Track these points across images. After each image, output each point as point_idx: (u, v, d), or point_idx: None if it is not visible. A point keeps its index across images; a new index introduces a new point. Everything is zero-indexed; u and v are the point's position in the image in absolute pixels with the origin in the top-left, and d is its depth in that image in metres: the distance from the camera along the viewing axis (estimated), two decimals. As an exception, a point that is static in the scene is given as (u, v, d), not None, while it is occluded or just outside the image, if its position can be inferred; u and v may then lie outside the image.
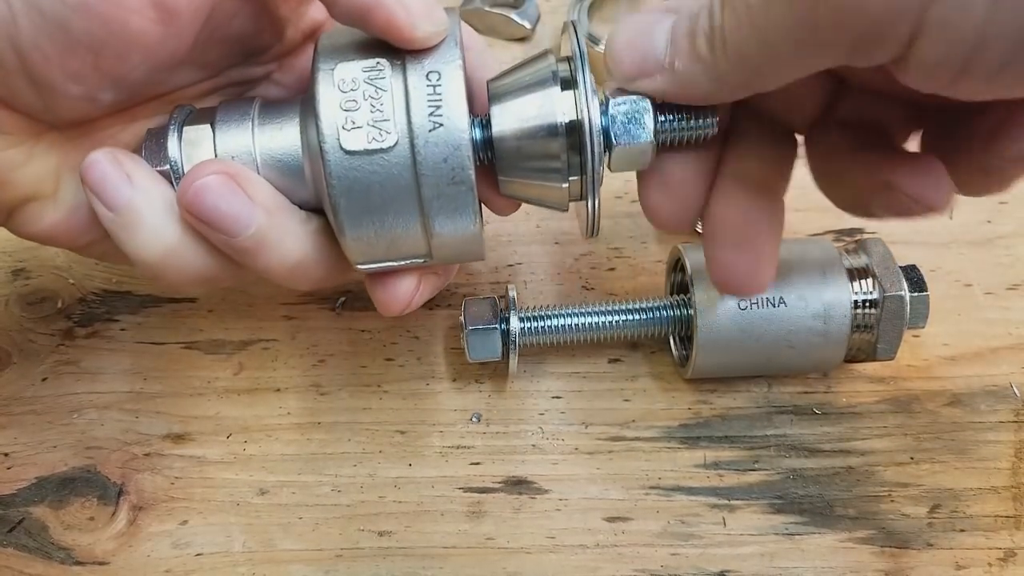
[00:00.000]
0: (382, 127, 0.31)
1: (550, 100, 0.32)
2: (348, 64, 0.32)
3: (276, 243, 0.33)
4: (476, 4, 0.60)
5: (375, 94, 0.32)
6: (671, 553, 0.40)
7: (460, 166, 0.32)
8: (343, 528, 0.41)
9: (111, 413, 0.44)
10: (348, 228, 0.33)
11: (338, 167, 0.32)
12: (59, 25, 0.29)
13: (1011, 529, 0.40)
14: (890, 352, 0.41)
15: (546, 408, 0.44)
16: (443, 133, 0.31)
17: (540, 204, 0.36)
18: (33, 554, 0.40)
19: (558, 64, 0.34)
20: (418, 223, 0.33)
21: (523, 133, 0.33)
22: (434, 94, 0.31)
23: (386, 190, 0.32)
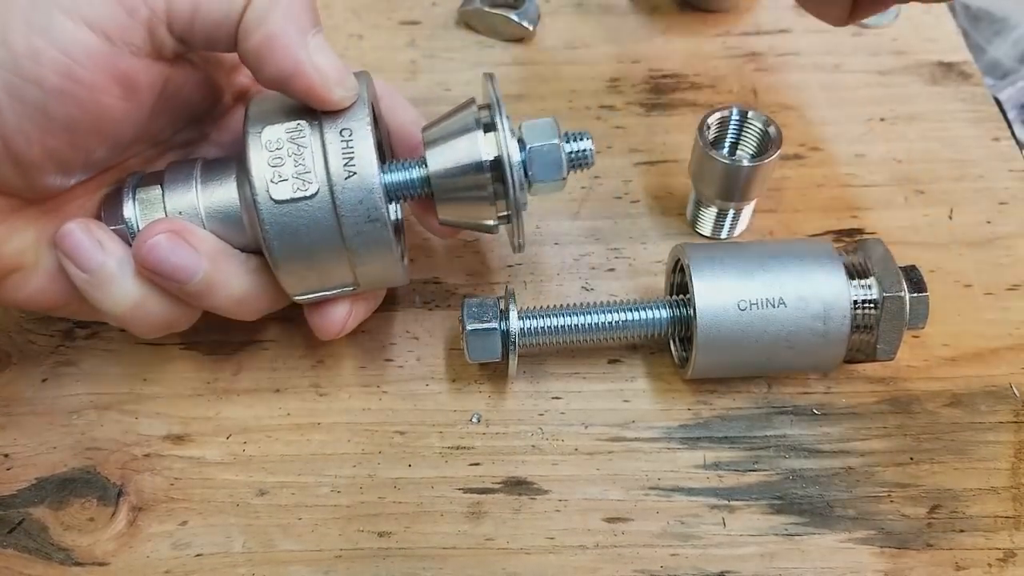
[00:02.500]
0: (305, 178, 0.37)
1: (475, 142, 0.38)
2: (273, 127, 0.37)
3: (222, 284, 0.39)
4: (476, 4, 0.60)
5: (297, 151, 0.37)
6: (671, 553, 0.40)
7: (374, 206, 0.37)
8: (343, 529, 0.41)
9: (111, 414, 0.44)
10: (282, 265, 0.38)
11: (269, 215, 0.37)
12: (39, 109, 0.33)
13: (1011, 529, 0.40)
14: (890, 352, 0.41)
15: (546, 408, 0.44)
16: (357, 180, 0.37)
17: (474, 228, 0.41)
18: (33, 555, 0.40)
19: (479, 111, 0.40)
20: (343, 257, 0.38)
21: (455, 171, 0.39)
22: (347, 148, 0.37)
23: (312, 231, 0.37)
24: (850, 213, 0.51)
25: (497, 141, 0.38)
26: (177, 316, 0.40)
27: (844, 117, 0.55)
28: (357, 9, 0.62)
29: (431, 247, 0.50)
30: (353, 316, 0.42)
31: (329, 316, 0.41)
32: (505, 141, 0.38)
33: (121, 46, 0.34)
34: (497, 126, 0.38)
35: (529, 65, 0.59)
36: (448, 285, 0.49)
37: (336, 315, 0.41)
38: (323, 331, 0.41)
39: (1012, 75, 0.78)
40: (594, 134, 0.54)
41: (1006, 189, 0.51)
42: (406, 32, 0.61)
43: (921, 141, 0.54)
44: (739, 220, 0.49)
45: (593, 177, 0.53)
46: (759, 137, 0.47)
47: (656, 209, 0.51)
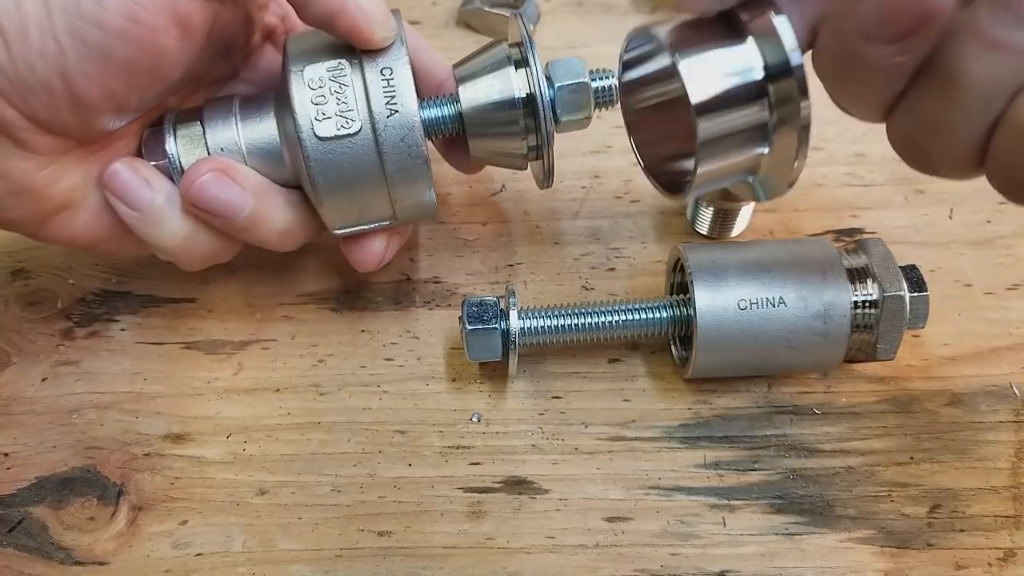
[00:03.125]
0: (348, 116, 0.38)
1: (508, 79, 0.40)
2: (314, 65, 0.38)
3: (267, 219, 0.40)
4: (476, 4, 0.60)
5: (339, 89, 0.38)
6: (671, 553, 0.40)
7: (415, 143, 0.38)
8: (343, 528, 0.41)
9: (111, 413, 0.44)
10: (326, 200, 0.40)
11: (314, 152, 0.38)
12: (101, 51, 0.34)
13: (1011, 529, 0.40)
14: (890, 352, 0.41)
15: (546, 408, 0.44)
16: (399, 118, 0.38)
17: (503, 164, 0.43)
18: (33, 554, 0.40)
19: (510, 49, 0.41)
20: (384, 192, 0.40)
21: (488, 106, 0.40)
22: (388, 87, 0.38)
23: (355, 167, 0.39)
24: (850, 213, 0.51)
25: (528, 78, 0.39)
26: (223, 248, 0.42)
27: (844, 117, 0.55)
28: (357, 9, 0.62)
29: (432, 247, 0.50)
30: (390, 248, 0.43)
31: (368, 249, 0.43)
32: (538, 77, 0.39)
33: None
34: (529, 63, 0.39)
35: (529, 65, 0.59)
36: (448, 285, 0.49)
37: (375, 247, 0.43)
38: (363, 263, 0.43)
39: (1012, 75, 0.77)
40: (594, 134, 0.55)
41: (1006, 189, 0.51)
42: (406, 32, 0.61)
43: (921, 141, 0.54)
44: (739, 220, 0.49)
45: (593, 177, 0.53)
46: (759, 137, 0.46)
47: (656, 209, 0.51)
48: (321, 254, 0.50)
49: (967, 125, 0.30)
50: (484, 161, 0.44)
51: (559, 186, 0.52)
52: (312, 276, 0.49)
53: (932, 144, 0.31)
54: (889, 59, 0.30)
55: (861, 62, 0.31)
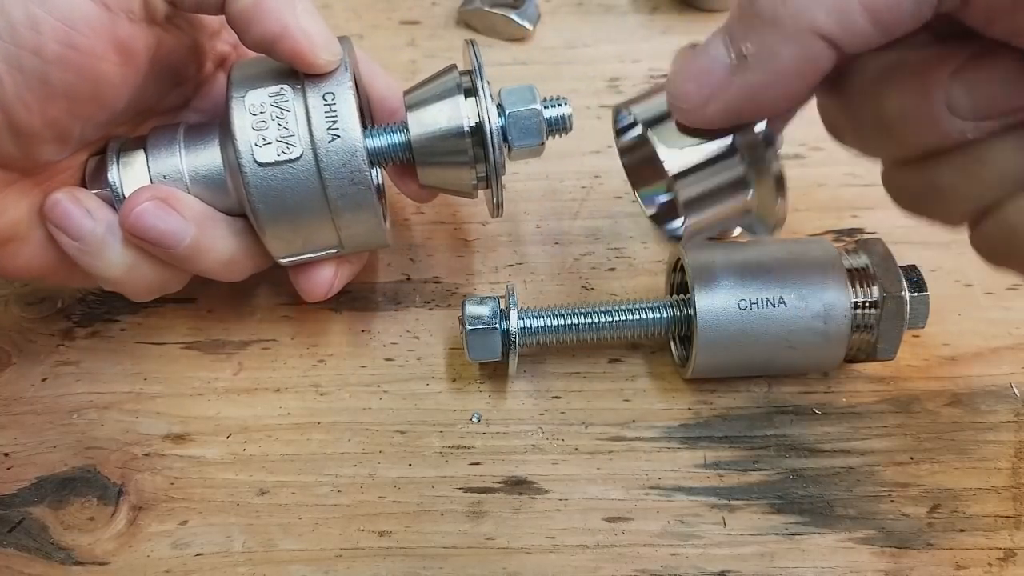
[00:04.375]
0: (289, 141, 0.37)
1: (457, 107, 0.39)
2: (256, 91, 0.38)
3: (209, 248, 0.39)
4: (476, 4, 0.60)
5: (281, 115, 0.38)
6: (671, 553, 0.40)
7: (358, 169, 0.38)
8: (343, 528, 0.41)
9: (111, 413, 0.44)
10: (268, 228, 0.39)
11: (254, 178, 0.37)
12: (39, 78, 0.33)
13: (1011, 529, 0.40)
14: (890, 352, 0.41)
15: (546, 408, 0.44)
16: (340, 143, 0.37)
17: (453, 192, 0.42)
18: (33, 554, 0.40)
19: (461, 77, 0.40)
20: (328, 219, 0.39)
21: (436, 135, 0.39)
22: (331, 111, 0.37)
23: (297, 194, 0.38)
24: (850, 213, 0.51)
25: (478, 106, 0.39)
26: (169, 278, 0.41)
27: (844, 117, 0.55)
28: (357, 9, 0.62)
29: (432, 247, 0.50)
30: (339, 278, 0.42)
31: (315, 278, 0.42)
32: (486, 107, 0.38)
33: (118, 12, 0.34)
34: (478, 91, 0.39)
35: (529, 65, 0.59)
36: (448, 285, 0.49)
37: (322, 277, 0.42)
38: (310, 293, 0.42)
39: (1012, 75, 0.77)
40: (594, 134, 0.55)
41: (1006, 189, 0.51)
42: (406, 32, 0.61)
43: (921, 141, 0.54)
44: (739, 220, 0.49)
45: (593, 177, 0.53)
46: (759, 137, 0.46)
47: (656, 209, 0.51)
48: (321, 254, 0.50)
49: None
50: (434, 189, 0.43)
51: (559, 186, 0.52)
52: (312, 276, 0.49)
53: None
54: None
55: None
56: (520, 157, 0.41)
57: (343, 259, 0.43)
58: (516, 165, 0.53)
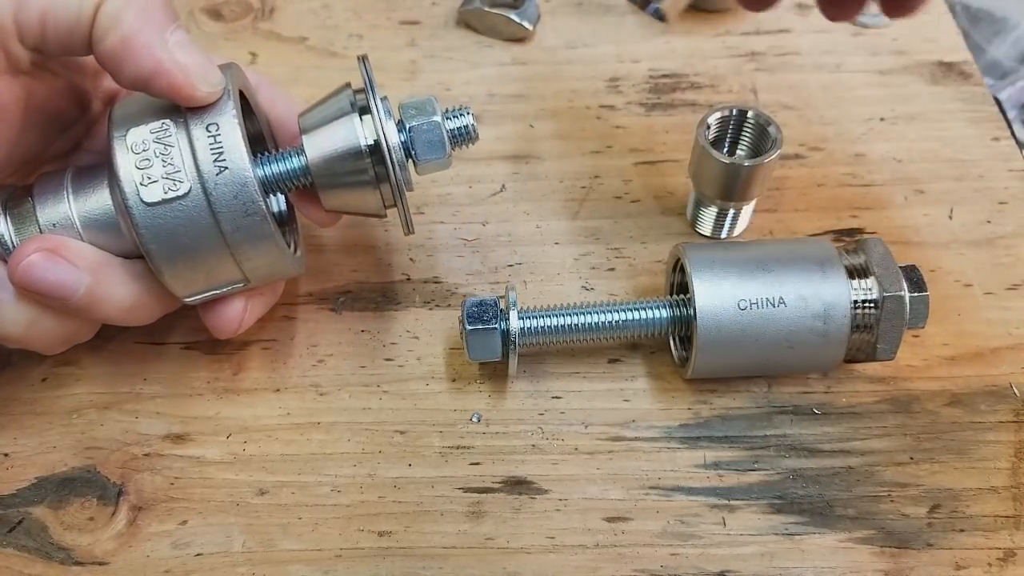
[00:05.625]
0: (175, 178, 0.36)
1: (352, 127, 0.38)
2: (138, 128, 0.36)
3: (107, 296, 0.38)
4: (476, 4, 0.60)
5: (165, 151, 0.36)
6: (671, 553, 0.40)
7: (250, 199, 0.36)
8: (343, 528, 0.41)
9: (111, 413, 0.44)
10: (165, 269, 0.37)
11: (143, 219, 0.36)
12: None
13: (1011, 529, 0.40)
14: (890, 352, 0.41)
15: (546, 408, 0.44)
16: (229, 175, 0.36)
17: (360, 213, 0.41)
18: (33, 554, 0.40)
19: (355, 95, 0.39)
20: (226, 254, 0.38)
21: (334, 157, 0.38)
22: (215, 143, 0.36)
23: (190, 231, 0.36)
24: (850, 213, 0.51)
25: (374, 124, 0.38)
26: (76, 328, 0.40)
27: (844, 117, 0.55)
28: (357, 9, 0.62)
29: (432, 247, 0.50)
30: (249, 313, 0.41)
31: (224, 315, 0.41)
32: (381, 123, 0.37)
33: None
34: (372, 108, 0.38)
35: (529, 65, 0.59)
36: (448, 285, 0.49)
37: (231, 313, 0.41)
38: (219, 330, 0.41)
39: (1012, 75, 0.78)
40: (594, 134, 0.55)
41: (1006, 189, 0.51)
42: (406, 32, 0.61)
43: (921, 141, 0.54)
44: (739, 220, 0.49)
45: (593, 177, 0.53)
46: (759, 137, 0.47)
47: (656, 209, 0.51)
48: (321, 254, 0.50)
49: None
50: (339, 211, 0.42)
51: (559, 186, 0.52)
52: (312, 276, 0.49)
53: None
54: None
55: None
56: (428, 171, 0.41)
57: (253, 292, 0.41)
58: (515, 165, 0.53)
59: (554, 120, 0.56)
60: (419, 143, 0.39)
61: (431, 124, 0.39)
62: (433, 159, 0.40)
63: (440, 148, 0.39)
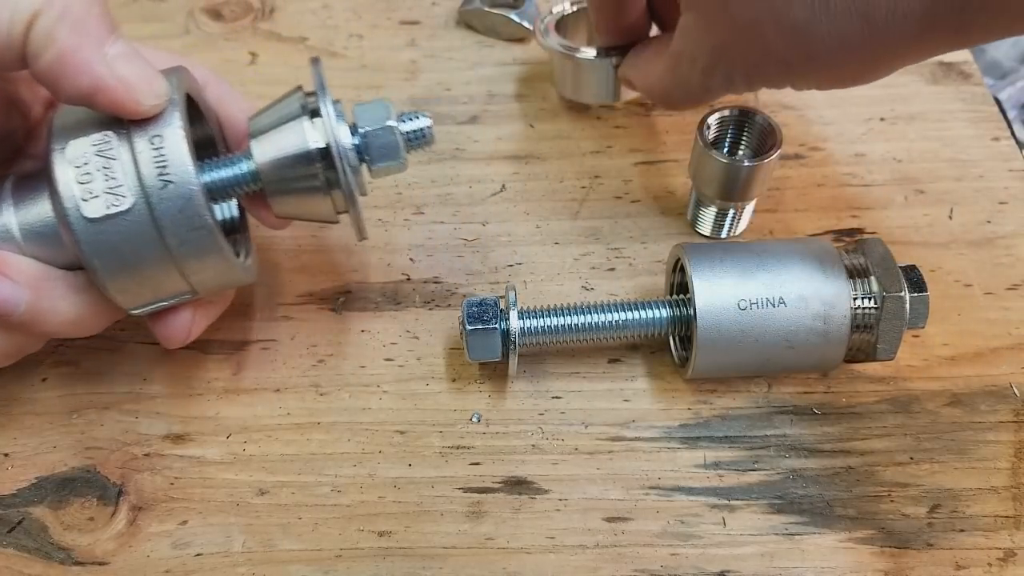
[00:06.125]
0: (117, 192, 0.35)
1: (302, 131, 0.37)
2: (78, 141, 0.35)
3: (50, 309, 0.36)
4: (476, 4, 0.60)
5: (106, 164, 0.35)
6: (671, 553, 0.40)
7: (196, 214, 0.35)
8: (343, 528, 0.41)
9: (111, 414, 0.44)
10: (109, 284, 0.36)
11: (85, 235, 0.35)
12: None
13: (1011, 529, 0.40)
14: (890, 352, 0.41)
15: (546, 408, 0.44)
16: (174, 189, 0.35)
17: (312, 219, 0.40)
18: (33, 554, 0.40)
19: (306, 98, 0.38)
20: (172, 268, 0.36)
21: (283, 162, 0.37)
22: (159, 155, 0.35)
23: (134, 246, 0.35)
24: (850, 213, 0.51)
25: (324, 128, 0.37)
26: (22, 342, 0.39)
27: (844, 117, 0.55)
28: (357, 9, 0.63)
29: (432, 247, 0.50)
30: (197, 322, 0.40)
31: (171, 325, 0.40)
32: (331, 127, 0.36)
33: None
34: (322, 112, 0.36)
35: (529, 65, 0.59)
36: (448, 285, 0.49)
37: (179, 323, 0.40)
38: (167, 340, 0.40)
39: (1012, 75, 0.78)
40: (594, 134, 0.55)
41: (1006, 189, 0.51)
42: (406, 32, 0.61)
43: (921, 141, 0.54)
44: (739, 220, 0.49)
45: (593, 177, 0.53)
46: (759, 137, 0.47)
47: (656, 209, 0.51)
48: (321, 254, 0.50)
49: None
50: (292, 217, 0.41)
51: (559, 186, 0.52)
52: (312, 276, 0.49)
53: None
54: None
55: None
56: (383, 175, 0.40)
57: (201, 302, 0.40)
58: (515, 165, 0.53)
59: (554, 120, 0.56)
60: (373, 148, 0.38)
61: (385, 129, 0.38)
62: (388, 163, 0.39)
63: (395, 152, 0.39)
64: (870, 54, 0.38)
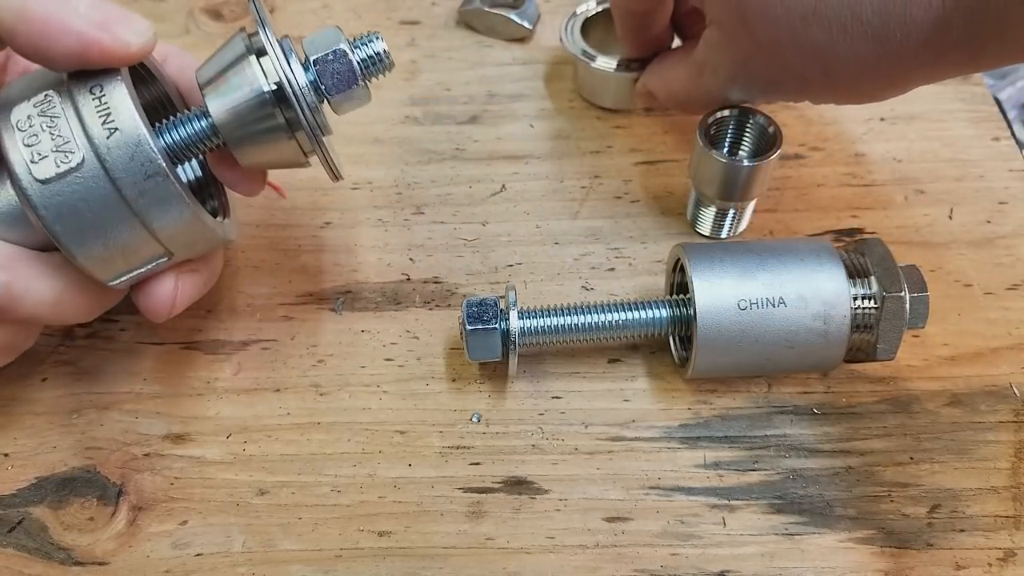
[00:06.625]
0: (65, 149, 0.34)
1: (251, 72, 0.35)
2: (20, 106, 0.34)
3: (26, 291, 0.35)
4: (476, 4, 0.60)
5: (51, 123, 0.34)
6: (671, 553, 0.40)
7: (147, 159, 0.34)
8: (343, 528, 0.41)
9: (111, 413, 0.44)
10: (76, 250, 0.35)
11: (40, 198, 0.34)
12: None
13: (1011, 529, 0.40)
14: (890, 352, 0.41)
15: (546, 408, 0.44)
16: (120, 136, 0.34)
17: (282, 165, 0.39)
18: (33, 554, 0.40)
19: (250, 38, 0.36)
20: (138, 224, 0.35)
21: (238, 108, 0.36)
22: (101, 105, 0.34)
23: (92, 204, 0.34)
24: (850, 213, 0.51)
25: (273, 65, 0.35)
26: (11, 336, 0.38)
27: (844, 117, 0.55)
28: (357, 9, 0.62)
29: (432, 247, 0.50)
30: (181, 291, 0.39)
31: (154, 295, 0.38)
32: (281, 64, 0.35)
33: None
34: (267, 48, 0.35)
35: (529, 65, 0.59)
36: (448, 285, 0.49)
37: (162, 292, 0.38)
38: (152, 312, 0.39)
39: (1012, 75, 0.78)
40: (594, 134, 0.55)
41: (1006, 189, 0.51)
42: (406, 32, 0.61)
43: (921, 141, 0.54)
44: (739, 220, 0.49)
45: (593, 177, 0.53)
46: (759, 137, 0.47)
47: (656, 209, 0.51)
48: (321, 254, 0.50)
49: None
50: (260, 167, 0.39)
51: (559, 186, 0.52)
52: (312, 276, 0.49)
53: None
54: None
55: None
56: (346, 109, 0.38)
57: (184, 268, 0.39)
58: (515, 165, 0.53)
59: (554, 120, 0.56)
60: (328, 77, 0.36)
61: (337, 53, 0.36)
62: (346, 93, 0.37)
63: (351, 79, 0.36)
64: (886, 75, 0.39)
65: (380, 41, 0.38)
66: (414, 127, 0.55)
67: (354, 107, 0.38)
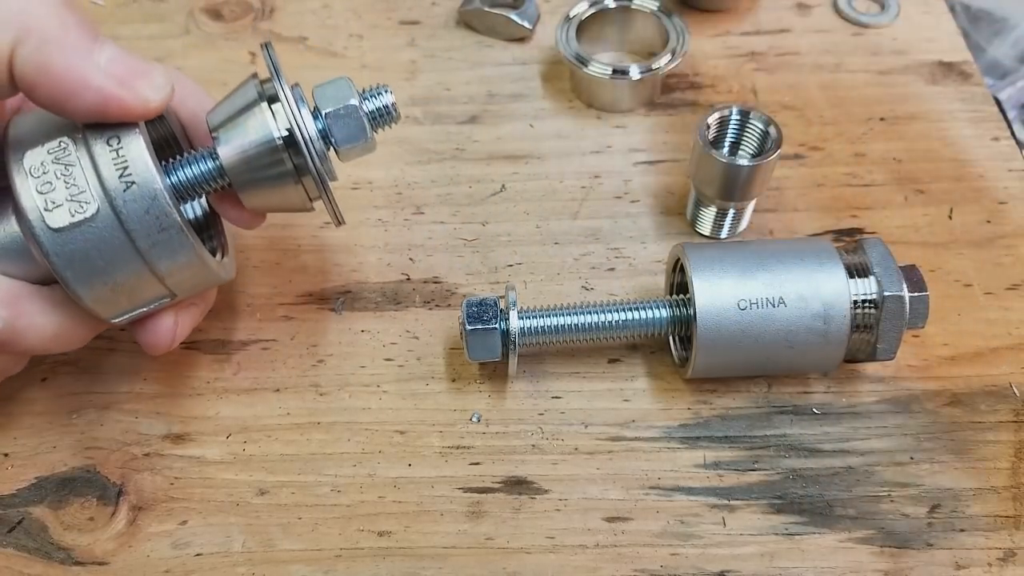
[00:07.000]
0: (80, 199, 0.34)
1: (263, 118, 0.36)
2: (35, 150, 0.34)
3: (28, 326, 0.36)
4: (476, 4, 0.60)
5: (66, 171, 0.34)
6: (671, 553, 0.39)
7: (163, 213, 0.34)
8: (343, 528, 0.41)
9: (111, 413, 0.44)
10: (84, 294, 0.35)
11: (52, 246, 0.34)
12: None
13: (1011, 529, 0.40)
14: (890, 352, 0.41)
15: (546, 408, 0.44)
16: (137, 190, 0.34)
17: (286, 209, 0.39)
18: (33, 554, 0.40)
19: (263, 85, 0.37)
20: (146, 272, 0.36)
21: (248, 154, 0.36)
22: (119, 157, 0.34)
23: (104, 253, 0.34)
24: (850, 213, 0.51)
25: (286, 114, 0.36)
26: (3, 363, 0.38)
27: (844, 117, 0.55)
28: (357, 9, 0.63)
29: (432, 247, 0.50)
30: (180, 326, 0.40)
31: (154, 331, 0.39)
32: (293, 114, 0.35)
33: None
34: (280, 96, 0.36)
35: (529, 65, 0.59)
36: (448, 285, 0.49)
37: (162, 329, 0.39)
38: (151, 347, 0.39)
39: (1012, 75, 0.78)
40: (594, 134, 0.55)
41: (1006, 189, 0.51)
42: (406, 32, 0.61)
43: (921, 141, 0.54)
44: (739, 220, 0.49)
45: (593, 177, 0.53)
46: (759, 137, 0.47)
47: (656, 209, 0.51)
48: (321, 254, 0.50)
49: None
50: (262, 210, 0.40)
51: (559, 186, 0.52)
52: (312, 276, 0.49)
53: None
54: None
55: None
56: (352, 157, 0.39)
57: (183, 304, 0.39)
58: (515, 165, 0.53)
59: (554, 120, 0.56)
60: (338, 129, 0.37)
61: (348, 108, 0.37)
62: (355, 144, 0.38)
63: (361, 133, 0.37)
64: None
65: (389, 94, 0.39)
66: (414, 127, 0.55)
67: (360, 155, 0.39)
